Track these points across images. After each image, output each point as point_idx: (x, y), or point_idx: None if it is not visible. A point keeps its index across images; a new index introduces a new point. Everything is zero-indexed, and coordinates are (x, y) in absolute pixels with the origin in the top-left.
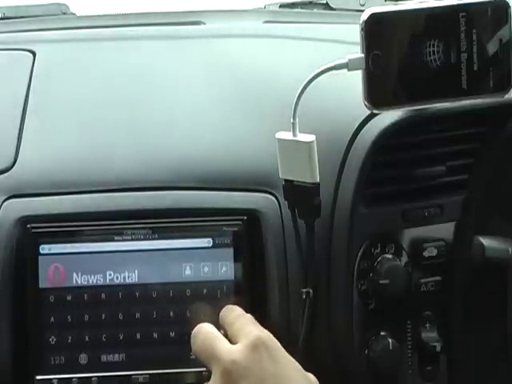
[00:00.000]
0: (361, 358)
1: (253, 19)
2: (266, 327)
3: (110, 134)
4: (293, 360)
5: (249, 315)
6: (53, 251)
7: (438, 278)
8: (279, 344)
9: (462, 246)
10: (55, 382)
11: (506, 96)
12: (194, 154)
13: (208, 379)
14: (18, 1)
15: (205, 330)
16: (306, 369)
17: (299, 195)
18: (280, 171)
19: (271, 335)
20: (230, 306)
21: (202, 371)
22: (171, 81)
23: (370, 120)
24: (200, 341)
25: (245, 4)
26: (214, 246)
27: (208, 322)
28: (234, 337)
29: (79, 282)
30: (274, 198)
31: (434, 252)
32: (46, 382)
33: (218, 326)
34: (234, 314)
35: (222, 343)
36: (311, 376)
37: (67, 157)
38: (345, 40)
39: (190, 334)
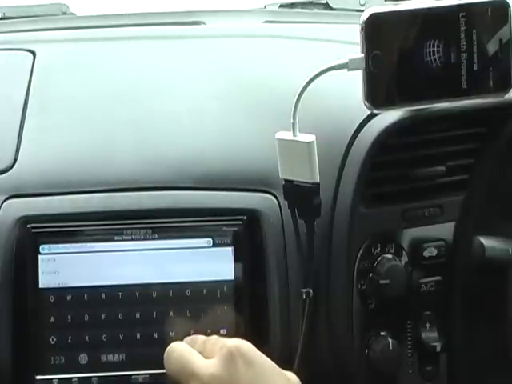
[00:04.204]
0: (361, 358)
1: (253, 19)
2: (265, 327)
3: (110, 134)
4: (270, 362)
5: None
6: (53, 251)
7: (438, 277)
8: (254, 348)
9: (462, 246)
10: (55, 382)
11: (506, 96)
12: (194, 153)
13: None
14: (18, 1)
15: (179, 348)
16: (307, 369)
17: (299, 195)
18: (280, 171)
19: (245, 342)
20: (193, 336)
21: None
22: (171, 81)
23: (370, 120)
24: (175, 359)
25: (245, 4)
26: (214, 245)
27: (207, 322)
28: (209, 352)
29: (79, 281)
30: (274, 198)
31: (434, 252)
32: (46, 382)
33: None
34: (202, 337)
35: (198, 359)
36: (290, 374)
37: (67, 157)
38: (345, 40)
39: (190, 334)
